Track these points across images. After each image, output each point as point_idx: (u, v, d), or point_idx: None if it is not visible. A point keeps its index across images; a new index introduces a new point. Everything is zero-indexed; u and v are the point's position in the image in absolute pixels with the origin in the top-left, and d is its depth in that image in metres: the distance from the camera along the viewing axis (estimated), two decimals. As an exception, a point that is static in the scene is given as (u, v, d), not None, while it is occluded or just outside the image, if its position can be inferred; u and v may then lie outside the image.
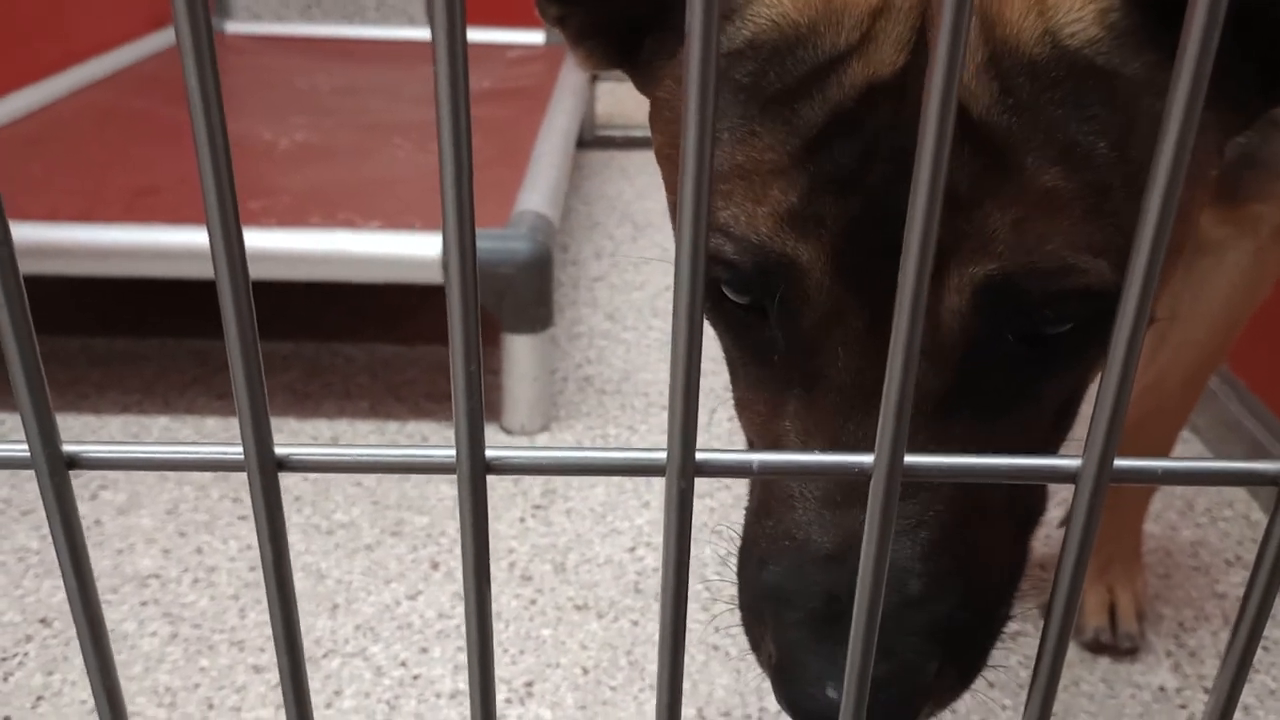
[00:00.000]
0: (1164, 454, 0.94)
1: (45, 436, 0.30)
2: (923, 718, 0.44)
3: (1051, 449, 0.48)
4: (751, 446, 0.51)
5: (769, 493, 0.47)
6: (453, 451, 0.30)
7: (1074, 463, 0.31)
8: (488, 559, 0.32)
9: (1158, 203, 0.26)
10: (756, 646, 0.48)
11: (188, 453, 0.31)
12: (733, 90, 0.42)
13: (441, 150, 0.27)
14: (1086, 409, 0.42)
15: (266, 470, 0.30)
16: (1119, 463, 0.30)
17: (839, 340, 0.42)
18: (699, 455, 0.30)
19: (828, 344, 0.43)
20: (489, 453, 0.31)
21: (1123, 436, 0.94)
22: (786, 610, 0.44)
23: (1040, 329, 0.42)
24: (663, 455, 0.31)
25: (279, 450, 0.30)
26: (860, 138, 0.40)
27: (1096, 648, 0.92)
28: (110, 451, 0.31)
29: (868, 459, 0.30)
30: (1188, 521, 1.11)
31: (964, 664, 0.46)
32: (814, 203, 0.41)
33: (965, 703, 0.87)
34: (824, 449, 0.43)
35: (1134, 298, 0.28)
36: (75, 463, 0.31)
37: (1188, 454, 1.23)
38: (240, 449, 0.30)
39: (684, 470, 0.31)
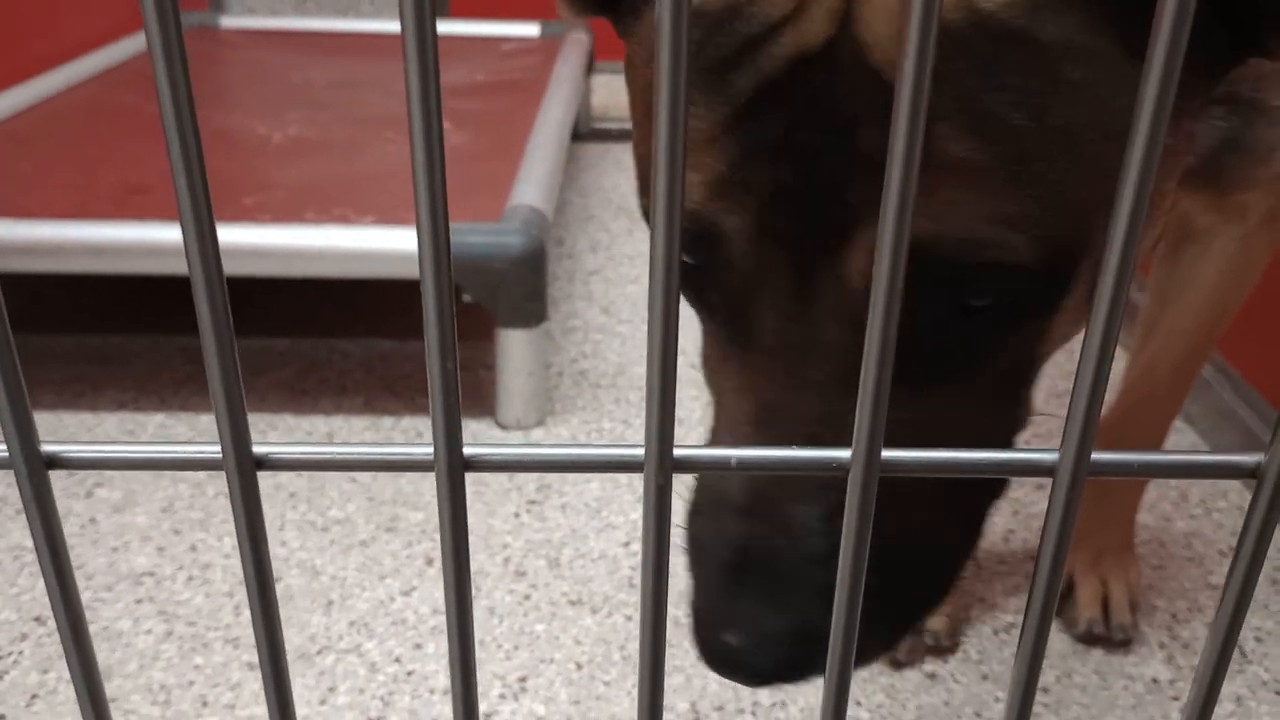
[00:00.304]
0: (1157, 443, 0.94)
1: (23, 437, 0.30)
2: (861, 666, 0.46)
3: (1001, 427, 0.48)
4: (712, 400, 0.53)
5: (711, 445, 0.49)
6: (430, 450, 0.31)
7: (1051, 456, 0.31)
8: (467, 556, 0.32)
9: (1134, 177, 0.26)
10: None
11: (166, 452, 0.31)
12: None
13: (413, 144, 0.27)
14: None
15: (245, 469, 0.30)
16: (1097, 455, 0.30)
17: (766, 303, 0.44)
18: (677, 451, 0.30)
19: (755, 306, 0.44)
20: (468, 450, 0.31)
21: (1115, 426, 0.95)
22: (702, 558, 0.47)
23: (960, 301, 0.42)
24: (641, 451, 0.31)
25: (258, 449, 0.30)
26: (788, 107, 0.41)
27: (1089, 639, 0.93)
28: (88, 452, 0.31)
29: (845, 454, 0.30)
30: (1181, 512, 1.11)
31: (872, 632, 0.47)
32: (742, 170, 0.42)
33: (959, 695, 0.87)
34: (756, 407, 0.45)
35: (1111, 274, 0.28)
36: (54, 463, 0.31)
37: (1181, 444, 1.23)
38: (218, 448, 0.30)
39: (662, 466, 0.31)
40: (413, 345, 1.41)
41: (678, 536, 0.45)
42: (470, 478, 0.58)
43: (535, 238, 1.17)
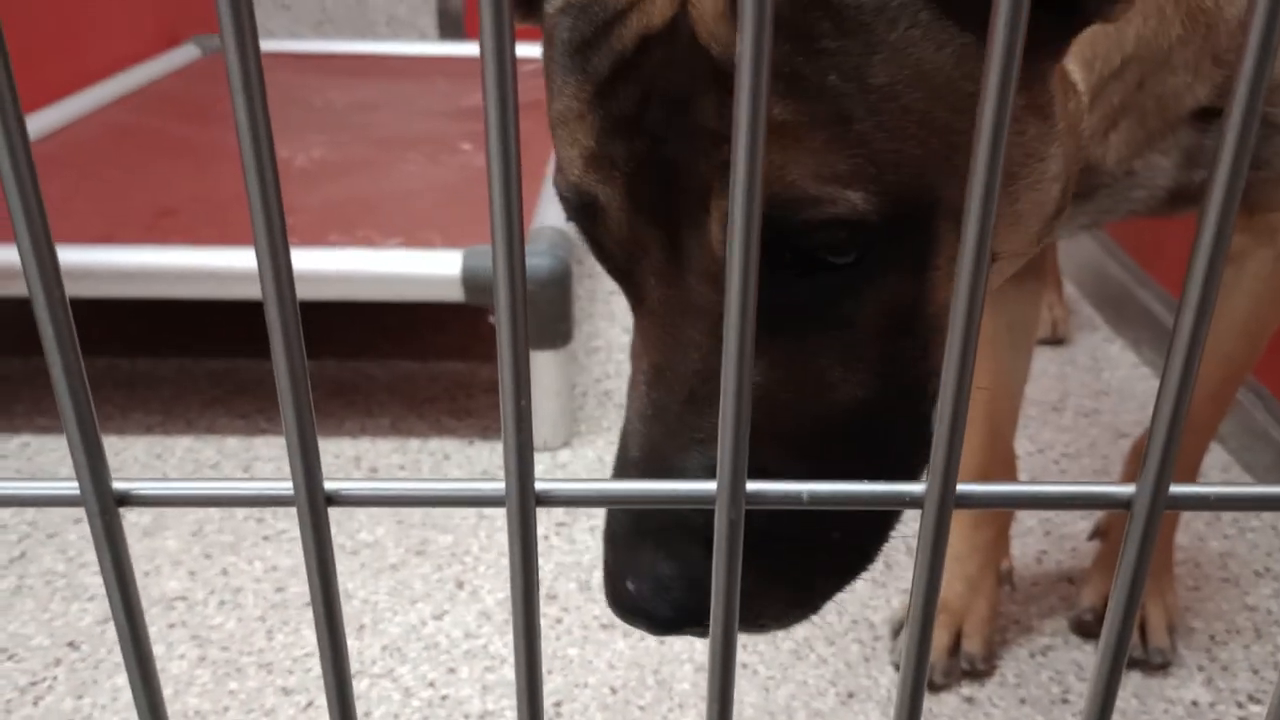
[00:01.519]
0: (1193, 467, 0.93)
1: (95, 474, 0.30)
2: (749, 631, 0.48)
3: (904, 387, 0.48)
4: None
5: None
6: (501, 485, 0.30)
7: (1128, 489, 0.30)
8: (537, 592, 0.32)
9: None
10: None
11: (235, 489, 0.31)
12: (560, 45, 0.46)
13: (491, 183, 0.27)
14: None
15: (316, 507, 0.30)
16: (1174, 489, 0.30)
17: (647, 269, 0.46)
18: (751, 486, 0.30)
19: (638, 272, 0.47)
20: (539, 485, 0.31)
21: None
22: (609, 516, 0.50)
23: (818, 258, 0.44)
24: (711, 486, 0.31)
25: (328, 485, 0.30)
26: (638, 83, 0.44)
27: (1128, 663, 0.92)
28: (158, 489, 0.31)
29: (920, 489, 0.30)
30: (1215, 532, 1.10)
31: (786, 586, 0.47)
32: (606, 144, 0.45)
33: (996, 718, 0.86)
34: (648, 369, 0.47)
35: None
36: (125, 500, 0.31)
37: (1213, 464, 1.22)
38: (289, 484, 0.30)
39: (735, 501, 0.30)
40: (436, 367, 1.42)
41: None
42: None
43: (561, 259, 1.17)
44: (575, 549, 1.06)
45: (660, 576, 0.46)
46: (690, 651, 0.92)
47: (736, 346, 0.27)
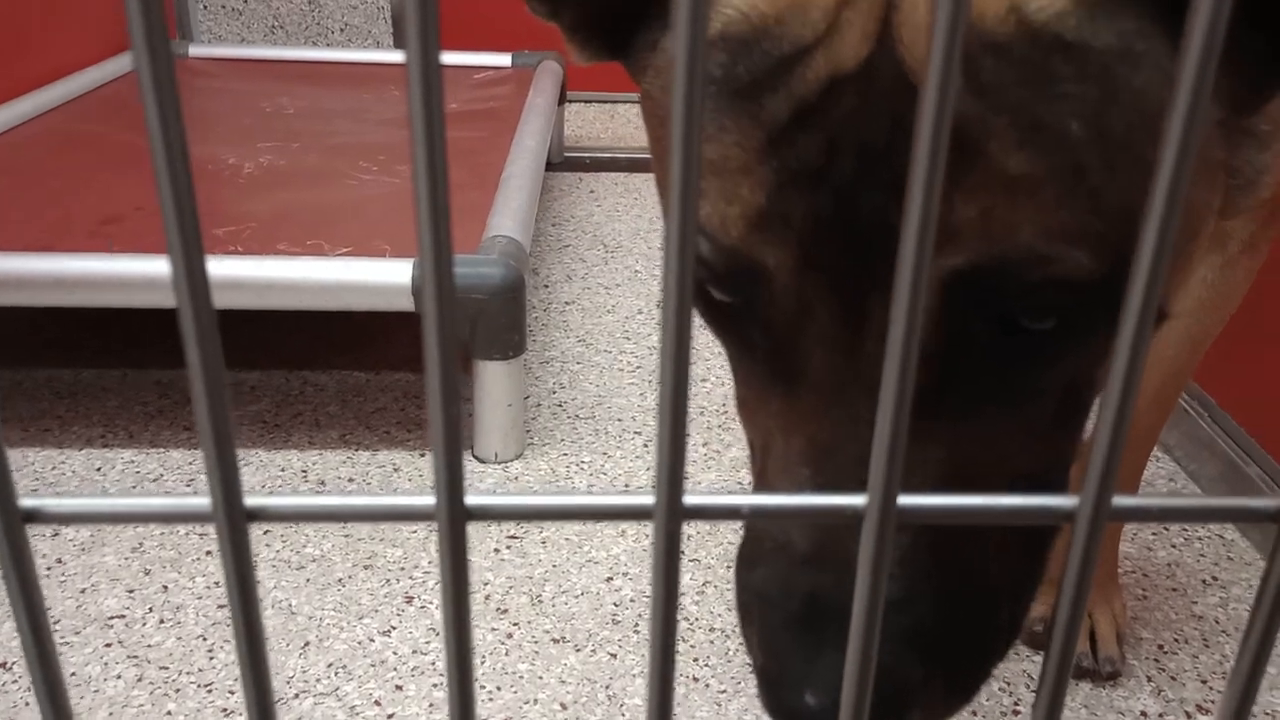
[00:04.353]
0: (1136, 473, 0.94)
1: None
2: None
3: (1061, 452, 0.46)
4: (750, 444, 0.50)
5: (759, 493, 0.46)
6: (432, 500, 0.29)
7: (1071, 502, 0.30)
8: (468, 607, 0.30)
9: (1167, 178, 0.25)
10: (750, 649, 0.47)
11: (148, 506, 0.29)
12: (705, 83, 0.41)
13: (417, 188, 0.26)
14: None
15: (236, 523, 0.29)
16: (1117, 501, 0.29)
17: (812, 339, 0.42)
18: (689, 499, 0.29)
19: (802, 342, 0.42)
20: (470, 499, 0.29)
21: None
22: (767, 613, 0.43)
23: (1020, 323, 0.40)
24: (650, 499, 0.30)
25: (250, 502, 0.29)
26: (823, 131, 0.39)
27: (1077, 673, 0.92)
28: (68, 506, 0.30)
29: (860, 500, 0.30)
30: (1163, 542, 1.11)
31: (953, 675, 0.44)
32: (780, 201, 0.40)
33: (948, 730, 0.86)
34: (808, 448, 0.42)
35: (1134, 314, 0.27)
36: (33, 517, 0.29)
37: (1159, 473, 1.23)
38: (208, 500, 0.29)
39: (673, 513, 0.30)
40: (387, 377, 1.40)
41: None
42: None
43: (513, 269, 1.16)
44: (527, 562, 1.04)
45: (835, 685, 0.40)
46: (642, 666, 0.91)
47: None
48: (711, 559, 1.05)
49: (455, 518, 0.29)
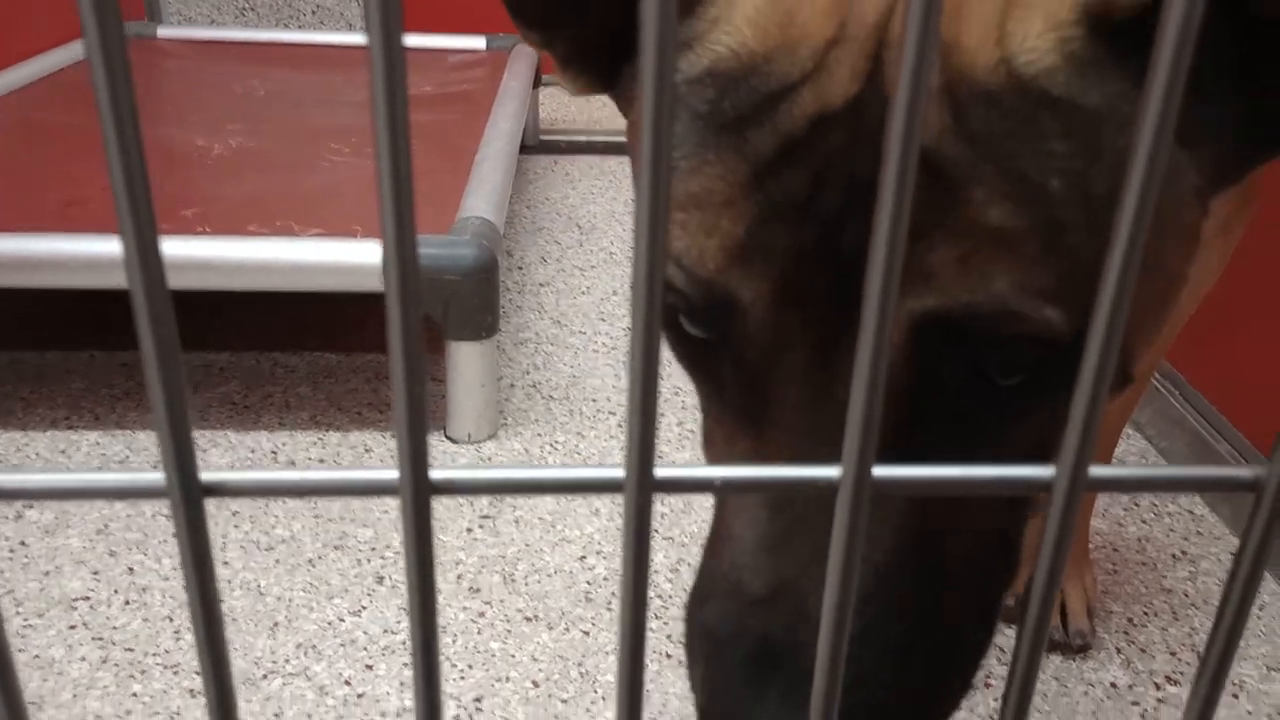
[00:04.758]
0: (1108, 450, 0.94)
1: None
2: None
3: (1016, 508, 0.46)
4: None
5: (715, 532, 0.45)
6: (396, 473, 0.29)
7: (1048, 472, 0.29)
8: (434, 586, 0.30)
9: (1125, 238, 0.25)
10: (694, 687, 0.46)
11: (101, 481, 0.28)
12: (691, 117, 0.41)
13: (379, 161, 0.25)
14: None
15: (191, 498, 0.28)
16: (1094, 471, 0.29)
17: (785, 376, 0.41)
18: (659, 472, 0.29)
19: (775, 380, 0.41)
20: (435, 474, 0.29)
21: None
22: (715, 652, 0.43)
23: (988, 375, 0.40)
24: (619, 472, 0.29)
25: (206, 477, 0.28)
26: (809, 167, 0.39)
27: (1048, 646, 0.92)
28: (15, 481, 0.29)
29: (834, 472, 0.29)
30: (1133, 517, 1.12)
31: (939, 686, 0.44)
32: (761, 234, 0.39)
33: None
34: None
35: (1113, 279, 0.26)
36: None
37: (1130, 449, 1.24)
38: (160, 476, 0.28)
39: (643, 486, 0.29)
40: (359, 359, 1.38)
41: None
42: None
43: (486, 249, 1.15)
44: (500, 541, 1.04)
45: None
46: (615, 643, 0.91)
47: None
48: (685, 537, 1.05)
49: (420, 490, 0.29)
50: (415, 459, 0.28)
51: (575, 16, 0.48)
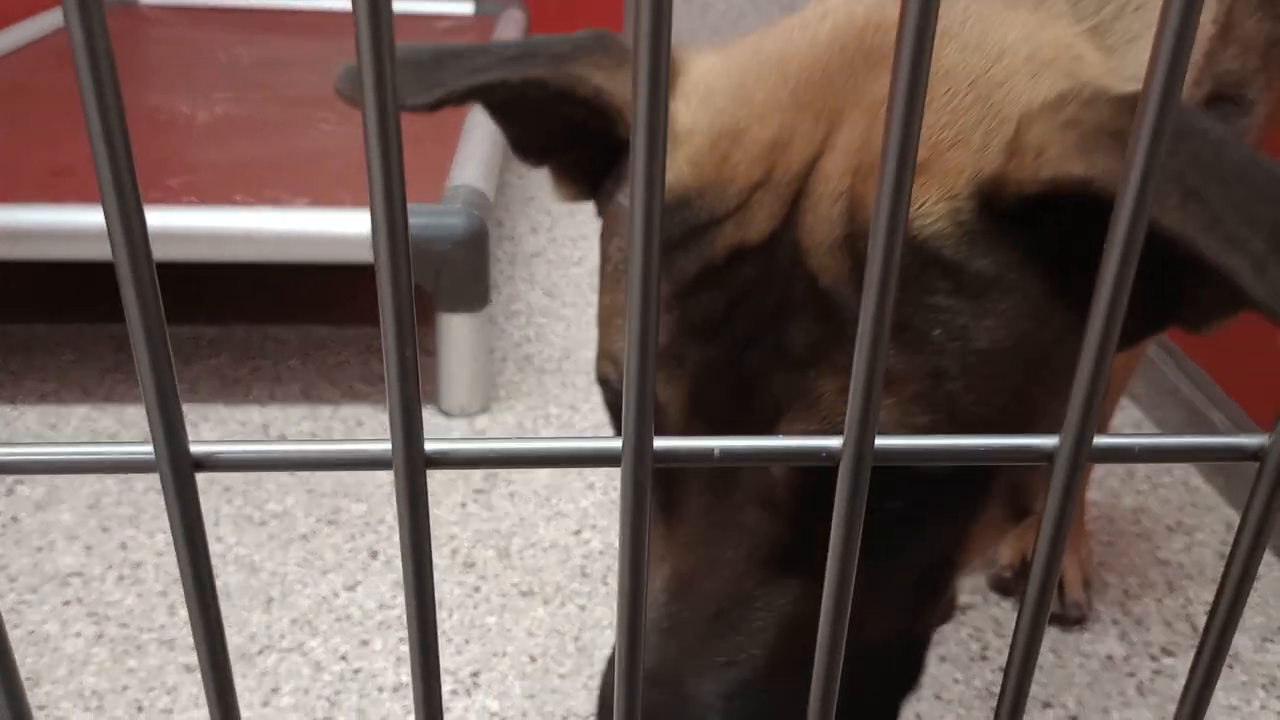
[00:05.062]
0: (1105, 420, 0.94)
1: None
2: None
3: (920, 617, 0.49)
4: None
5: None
6: (388, 445, 0.28)
7: (1051, 441, 0.29)
8: (430, 559, 0.29)
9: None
10: None
11: (85, 454, 0.28)
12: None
13: (368, 128, 0.24)
14: None
15: (180, 471, 0.27)
16: (1098, 441, 0.29)
17: (691, 475, 0.45)
18: (658, 443, 0.28)
19: (682, 477, 0.45)
20: (429, 445, 0.28)
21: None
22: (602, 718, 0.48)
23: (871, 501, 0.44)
24: (617, 444, 0.29)
25: (195, 449, 0.28)
26: (724, 292, 0.43)
27: (1044, 617, 0.93)
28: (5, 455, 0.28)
29: (835, 442, 0.29)
30: (1129, 489, 1.12)
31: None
32: (678, 344, 0.44)
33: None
34: (671, 578, 0.46)
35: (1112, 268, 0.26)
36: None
37: (1125, 420, 1.24)
38: (149, 448, 0.27)
39: (640, 459, 0.28)
40: (351, 331, 1.37)
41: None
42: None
43: (477, 218, 1.14)
44: (494, 516, 1.03)
45: None
46: (611, 617, 0.91)
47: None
48: (680, 510, 1.05)
49: (413, 462, 0.28)
50: (409, 430, 0.28)
51: (563, 149, 0.55)
